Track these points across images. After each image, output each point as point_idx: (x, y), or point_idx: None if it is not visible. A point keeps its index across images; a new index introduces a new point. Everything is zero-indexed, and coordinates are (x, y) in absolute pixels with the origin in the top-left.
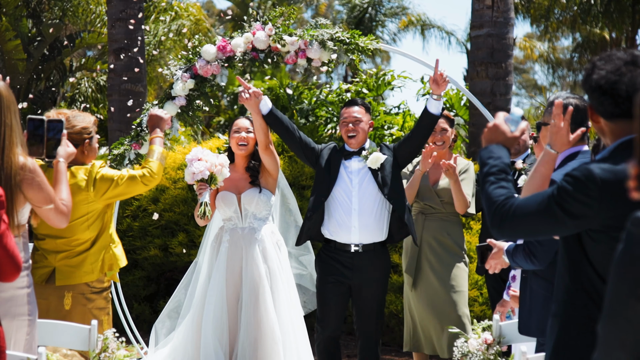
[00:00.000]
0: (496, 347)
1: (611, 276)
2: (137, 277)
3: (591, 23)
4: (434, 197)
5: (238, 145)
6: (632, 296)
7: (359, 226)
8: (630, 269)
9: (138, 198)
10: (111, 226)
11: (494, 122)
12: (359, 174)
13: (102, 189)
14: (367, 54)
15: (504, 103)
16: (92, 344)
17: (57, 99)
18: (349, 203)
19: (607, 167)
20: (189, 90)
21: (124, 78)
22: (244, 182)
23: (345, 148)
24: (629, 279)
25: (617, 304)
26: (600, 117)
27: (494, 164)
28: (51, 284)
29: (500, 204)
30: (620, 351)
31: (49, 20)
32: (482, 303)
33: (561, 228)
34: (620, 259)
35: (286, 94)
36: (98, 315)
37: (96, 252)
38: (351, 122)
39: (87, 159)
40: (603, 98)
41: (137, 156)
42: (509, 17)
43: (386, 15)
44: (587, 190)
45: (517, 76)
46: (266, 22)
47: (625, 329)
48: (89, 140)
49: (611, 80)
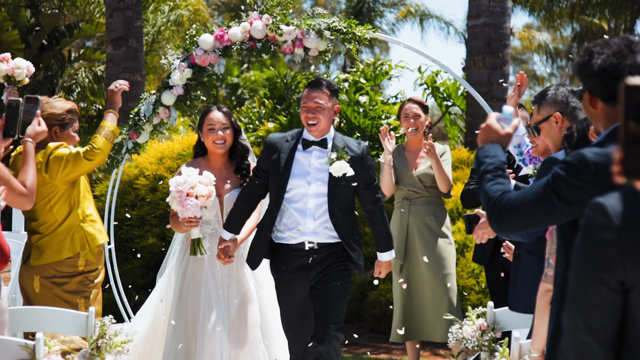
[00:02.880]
0: (490, 333)
1: (573, 262)
2: (136, 265)
3: (590, 13)
4: (416, 182)
5: (214, 143)
6: (595, 280)
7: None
8: (592, 254)
9: (136, 187)
10: (84, 206)
11: (487, 123)
12: (317, 172)
13: (54, 170)
14: (364, 43)
15: (501, 92)
16: (89, 330)
17: (55, 89)
18: (305, 203)
19: (599, 151)
20: (187, 80)
21: (122, 67)
22: (224, 182)
23: (304, 136)
24: (590, 264)
25: (582, 289)
26: (599, 100)
27: (490, 162)
28: (27, 265)
29: (498, 198)
30: (587, 336)
31: (48, 10)
32: (479, 292)
33: (559, 216)
34: (581, 244)
35: (283, 83)
36: (70, 298)
37: (64, 231)
38: (312, 108)
39: None
40: (607, 81)
41: (135, 145)
42: (506, 6)
43: (385, 5)
44: (581, 174)
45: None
46: (264, 11)
47: (591, 313)
48: (58, 127)
49: (614, 62)
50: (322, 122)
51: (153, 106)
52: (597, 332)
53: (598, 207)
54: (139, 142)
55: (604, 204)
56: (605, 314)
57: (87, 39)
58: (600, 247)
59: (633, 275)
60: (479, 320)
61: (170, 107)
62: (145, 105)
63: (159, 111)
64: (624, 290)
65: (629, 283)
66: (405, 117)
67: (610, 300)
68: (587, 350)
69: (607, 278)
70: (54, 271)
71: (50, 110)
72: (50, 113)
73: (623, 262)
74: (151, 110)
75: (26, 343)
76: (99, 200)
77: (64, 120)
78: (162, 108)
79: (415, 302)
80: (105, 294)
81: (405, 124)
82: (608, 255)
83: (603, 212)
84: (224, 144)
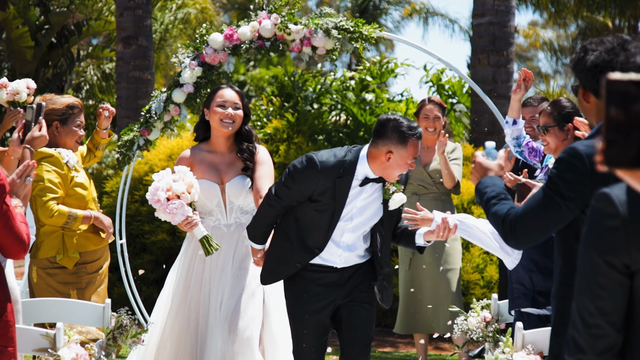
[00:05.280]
0: (494, 324)
1: (581, 250)
2: (146, 260)
3: (595, 10)
4: (426, 177)
5: (222, 122)
6: (604, 264)
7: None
8: (598, 240)
9: (146, 183)
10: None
11: (476, 161)
12: (362, 207)
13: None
14: (371, 42)
15: (505, 90)
16: (105, 322)
17: (64, 87)
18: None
19: (589, 142)
20: (197, 78)
21: (132, 66)
22: (228, 168)
23: (367, 174)
24: (597, 249)
25: (591, 274)
26: (591, 95)
27: (490, 190)
28: (31, 257)
29: (505, 215)
30: (599, 318)
31: (57, 9)
32: (483, 286)
33: (568, 214)
34: (588, 232)
35: (290, 81)
36: (62, 289)
37: (45, 232)
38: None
39: (60, 140)
40: (599, 76)
41: (146, 142)
42: (510, 5)
43: (390, 3)
44: (575, 167)
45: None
46: (272, 11)
47: (602, 296)
48: (58, 122)
49: (607, 59)
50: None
51: (164, 104)
52: (608, 314)
53: (604, 197)
54: (150, 139)
55: (609, 193)
56: (615, 297)
57: (94, 37)
58: (606, 233)
59: (637, 259)
60: (483, 312)
61: (180, 104)
62: (156, 102)
63: (170, 109)
64: (629, 274)
65: (633, 267)
66: (425, 118)
67: (618, 283)
68: (599, 332)
69: (614, 261)
70: (48, 262)
71: (51, 106)
72: (51, 109)
73: (628, 247)
74: (162, 108)
75: (47, 332)
76: (110, 196)
77: (64, 115)
78: (172, 106)
79: (420, 296)
80: (116, 288)
81: (424, 124)
82: (614, 240)
83: (609, 202)
84: (232, 123)
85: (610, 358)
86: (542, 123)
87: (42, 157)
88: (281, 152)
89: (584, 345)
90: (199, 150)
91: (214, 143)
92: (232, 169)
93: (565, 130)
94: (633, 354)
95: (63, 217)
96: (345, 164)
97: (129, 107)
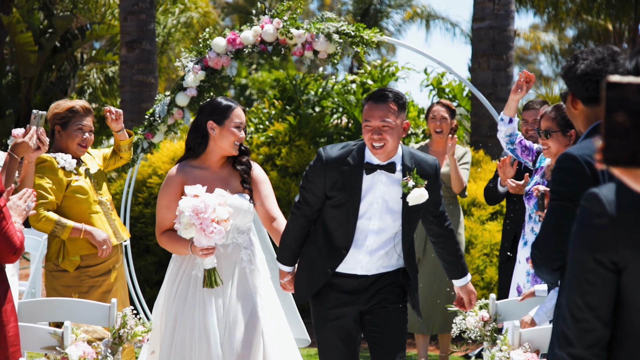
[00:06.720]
0: (492, 324)
1: (571, 247)
2: (149, 262)
3: (595, 14)
4: None
5: (235, 145)
6: (592, 260)
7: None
8: (587, 238)
9: (150, 185)
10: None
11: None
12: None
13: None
14: (372, 46)
15: (504, 94)
16: (111, 321)
17: (67, 91)
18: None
19: (581, 145)
20: (200, 82)
21: (136, 70)
22: (222, 185)
23: (367, 159)
24: (586, 246)
25: (580, 270)
26: (580, 102)
27: None
28: None
29: (531, 254)
30: (587, 313)
31: (60, 13)
32: (483, 287)
33: None
34: (577, 230)
35: (292, 85)
36: (65, 292)
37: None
38: (377, 128)
39: (62, 144)
40: (588, 84)
41: (150, 145)
42: (510, 9)
43: (391, 6)
44: (571, 170)
45: (522, 67)
46: (274, 15)
47: (589, 292)
48: (59, 126)
49: (596, 68)
50: (390, 143)
51: (167, 107)
52: (595, 309)
53: (593, 196)
54: (154, 141)
55: (598, 193)
56: (602, 293)
57: (96, 41)
58: (594, 231)
59: (624, 257)
60: (481, 311)
61: (184, 108)
62: (160, 106)
63: (173, 112)
64: (616, 270)
65: (620, 264)
66: (432, 119)
67: (606, 280)
68: (587, 326)
69: (601, 258)
70: (53, 265)
71: (55, 111)
72: (54, 114)
73: (615, 245)
74: (166, 111)
75: (55, 331)
76: (114, 198)
77: (64, 119)
78: (176, 109)
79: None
80: None
81: (432, 125)
82: (602, 238)
83: (597, 201)
84: (240, 146)
85: (598, 351)
86: (544, 127)
87: (36, 162)
88: (283, 155)
89: (572, 339)
90: (189, 167)
91: (208, 159)
92: (226, 186)
93: (568, 136)
94: (620, 347)
95: (50, 224)
96: (352, 152)
97: (132, 110)
